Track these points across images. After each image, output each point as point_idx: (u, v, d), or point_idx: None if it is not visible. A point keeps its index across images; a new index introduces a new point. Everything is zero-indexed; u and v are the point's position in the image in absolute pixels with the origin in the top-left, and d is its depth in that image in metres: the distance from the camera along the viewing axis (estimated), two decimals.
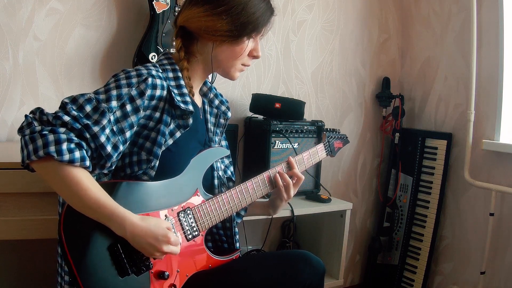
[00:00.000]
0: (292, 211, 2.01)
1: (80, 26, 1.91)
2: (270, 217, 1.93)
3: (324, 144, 1.57)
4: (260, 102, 2.16)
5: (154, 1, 1.88)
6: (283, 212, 2.00)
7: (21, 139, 1.03)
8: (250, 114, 2.24)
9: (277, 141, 2.09)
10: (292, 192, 1.41)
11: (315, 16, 2.47)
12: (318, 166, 2.24)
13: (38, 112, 1.05)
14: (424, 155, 2.50)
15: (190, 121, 1.22)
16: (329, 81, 2.56)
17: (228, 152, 1.38)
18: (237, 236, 1.42)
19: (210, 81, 2.02)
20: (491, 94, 2.22)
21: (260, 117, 2.21)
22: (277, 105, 2.11)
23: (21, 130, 1.03)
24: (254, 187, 1.34)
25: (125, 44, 1.99)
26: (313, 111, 2.52)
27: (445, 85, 2.50)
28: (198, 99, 1.35)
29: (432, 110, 2.57)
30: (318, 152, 1.54)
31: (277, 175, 1.38)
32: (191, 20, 1.22)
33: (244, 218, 1.84)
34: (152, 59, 1.88)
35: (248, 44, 1.25)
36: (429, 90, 2.59)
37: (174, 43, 1.28)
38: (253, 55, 1.29)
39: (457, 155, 2.41)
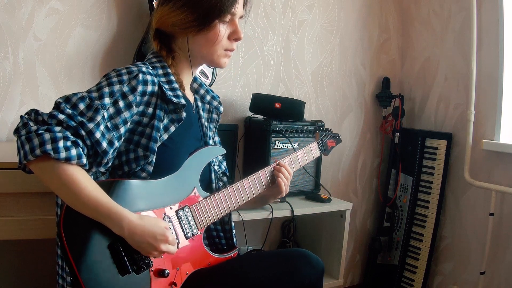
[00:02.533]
0: (292, 211, 2.01)
1: (80, 26, 1.91)
2: (270, 217, 1.94)
3: (317, 143, 1.59)
4: (260, 102, 2.16)
5: (154, 1, 1.88)
6: (283, 212, 2.00)
7: (17, 140, 1.03)
8: (250, 114, 2.24)
9: (277, 141, 2.09)
10: (285, 191, 1.43)
11: (315, 16, 2.47)
12: (318, 166, 2.24)
13: (33, 113, 1.06)
14: (424, 155, 2.50)
15: (183, 114, 1.23)
16: (329, 81, 2.56)
17: (224, 151, 1.39)
18: (234, 231, 1.44)
19: (210, 80, 2.04)
20: (491, 94, 2.22)
21: (260, 117, 2.22)
22: (277, 105, 2.11)
23: (17, 131, 1.04)
24: (250, 185, 1.36)
25: (125, 44, 1.99)
26: (313, 111, 2.52)
27: (445, 85, 2.50)
28: (189, 95, 1.37)
29: (432, 110, 2.57)
30: (312, 150, 1.56)
31: (272, 173, 1.40)
32: (161, 20, 1.24)
33: (244, 218, 1.86)
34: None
35: (221, 28, 1.23)
36: (429, 90, 2.59)
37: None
38: (233, 38, 1.27)
39: (457, 155, 2.41)
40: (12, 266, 1.80)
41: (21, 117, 1.06)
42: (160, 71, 1.24)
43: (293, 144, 2.11)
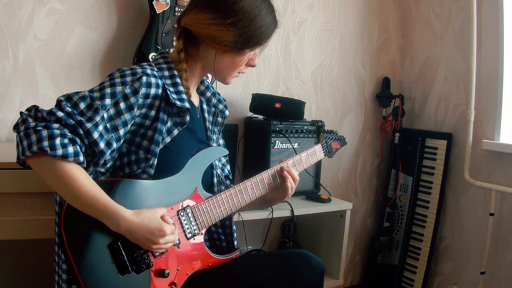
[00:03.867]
0: (292, 211, 2.01)
1: (80, 26, 1.91)
2: (270, 217, 1.94)
3: (322, 145, 1.58)
4: (260, 102, 2.16)
5: (154, 1, 1.88)
6: (283, 212, 2.00)
7: (16, 136, 1.04)
8: (250, 114, 2.24)
9: (277, 141, 2.09)
10: (290, 193, 1.42)
11: (315, 16, 2.47)
12: (318, 166, 2.24)
13: (33, 109, 1.07)
14: (424, 155, 2.50)
15: (187, 118, 1.22)
16: (329, 81, 2.56)
17: (227, 152, 1.39)
18: (235, 234, 1.43)
19: (210, 80, 2.03)
20: (491, 94, 2.22)
21: (260, 117, 2.22)
22: (277, 105, 2.11)
23: (16, 127, 1.05)
24: (253, 187, 1.35)
25: (125, 44, 1.99)
26: (313, 111, 2.52)
27: (445, 85, 2.50)
28: (195, 98, 1.36)
29: (432, 110, 2.57)
30: (316, 152, 1.55)
31: (276, 175, 1.39)
32: (197, 24, 1.21)
33: (244, 218, 1.85)
34: (152, 59, 1.88)
35: (247, 55, 1.27)
36: (429, 90, 2.59)
37: (174, 43, 1.28)
38: (249, 64, 1.31)
39: (457, 155, 2.41)
40: (11, 266, 1.80)
41: (21, 113, 1.06)
42: (166, 73, 1.24)
43: (293, 144, 2.11)
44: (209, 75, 2.02)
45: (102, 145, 1.08)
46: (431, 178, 2.47)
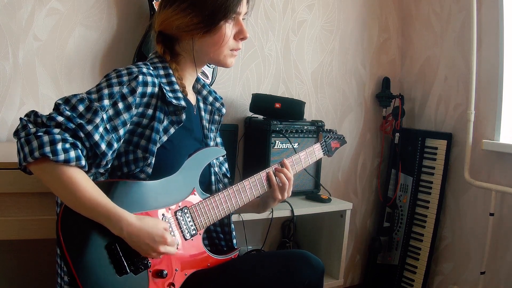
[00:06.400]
0: (292, 211, 2.01)
1: (80, 26, 1.91)
2: (270, 217, 1.94)
3: (321, 144, 1.57)
4: (260, 102, 2.16)
5: (154, 1, 1.89)
6: (283, 212, 2.00)
7: (17, 142, 1.03)
8: (250, 114, 2.24)
9: (277, 141, 2.09)
10: (287, 193, 1.40)
11: (315, 16, 2.47)
12: (318, 166, 2.24)
13: (33, 115, 1.06)
14: (424, 155, 2.50)
15: (183, 116, 1.22)
16: (329, 81, 2.56)
17: (224, 152, 1.39)
18: (234, 233, 1.43)
19: (210, 80, 2.04)
20: (491, 94, 2.22)
21: (260, 117, 2.22)
22: (277, 105, 2.11)
23: (16, 133, 1.04)
24: (251, 186, 1.34)
25: (125, 44, 1.99)
26: (313, 111, 2.52)
27: (445, 85, 2.50)
28: (191, 96, 1.36)
29: (432, 110, 2.57)
30: (315, 151, 1.54)
31: (273, 175, 1.38)
32: (164, 23, 1.23)
33: (244, 218, 1.86)
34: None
35: (227, 29, 1.23)
36: (429, 90, 2.59)
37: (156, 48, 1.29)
38: (240, 38, 1.27)
39: (457, 155, 2.41)
40: (11, 266, 1.80)
41: (21, 119, 1.06)
42: (162, 72, 1.24)
43: (293, 144, 2.11)
44: (209, 75, 2.02)
45: (103, 146, 1.08)
46: (431, 178, 2.47)
